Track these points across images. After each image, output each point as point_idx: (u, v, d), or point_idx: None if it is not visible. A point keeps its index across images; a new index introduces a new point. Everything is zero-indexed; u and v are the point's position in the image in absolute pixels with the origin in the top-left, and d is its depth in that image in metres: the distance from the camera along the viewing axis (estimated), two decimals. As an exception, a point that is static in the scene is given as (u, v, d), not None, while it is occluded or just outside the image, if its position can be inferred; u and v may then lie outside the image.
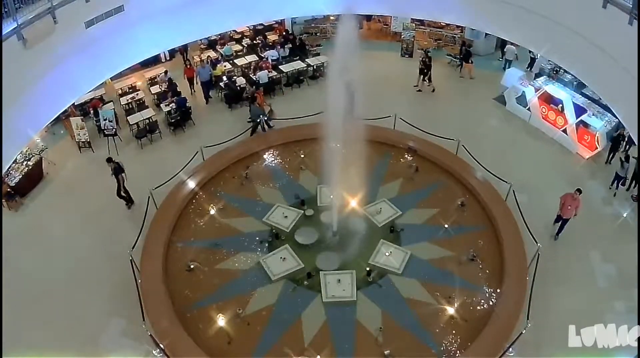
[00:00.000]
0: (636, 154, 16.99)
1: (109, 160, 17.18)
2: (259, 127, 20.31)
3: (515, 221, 15.67)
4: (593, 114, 19.09)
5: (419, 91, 23.70)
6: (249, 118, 20.55)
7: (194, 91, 23.89)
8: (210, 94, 23.47)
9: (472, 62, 24.52)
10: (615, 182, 17.52)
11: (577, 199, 15.36)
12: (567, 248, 15.56)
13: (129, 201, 17.51)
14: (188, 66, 24.39)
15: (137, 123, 20.79)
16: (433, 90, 23.61)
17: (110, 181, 18.15)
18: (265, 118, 20.46)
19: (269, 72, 23.37)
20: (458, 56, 25.17)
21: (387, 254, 15.03)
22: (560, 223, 15.85)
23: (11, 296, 12.34)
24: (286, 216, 16.36)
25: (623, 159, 17.15)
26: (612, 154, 18.68)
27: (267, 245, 15.57)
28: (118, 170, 17.03)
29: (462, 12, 20.74)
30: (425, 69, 23.41)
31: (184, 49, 25.87)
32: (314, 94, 22.71)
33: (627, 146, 18.68)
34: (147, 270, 14.38)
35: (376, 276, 14.50)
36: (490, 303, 13.82)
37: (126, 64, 19.63)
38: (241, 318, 13.49)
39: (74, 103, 19.70)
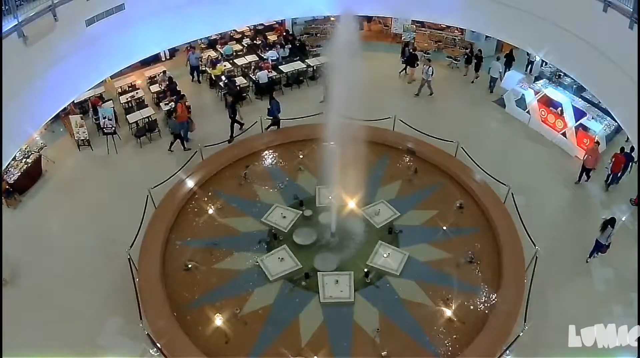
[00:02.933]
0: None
1: (231, 93, 20.85)
2: (179, 142, 19.84)
3: (514, 223, 15.67)
4: (592, 118, 19.12)
5: (477, 77, 24.36)
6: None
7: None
8: (196, 76, 25.11)
9: (416, 66, 24.23)
10: (595, 252, 15.21)
11: (596, 150, 17.55)
12: (565, 251, 15.57)
13: (242, 126, 20.05)
14: (187, 48, 25.52)
15: (136, 122, 20.78)
16: (476, 78, 24.40)
17: (109, 180, 18.25)
18: (186, 132, 20.26)
19: (268, 72, 23.39)
20: (401, 58, 24.84)
21: (385, 255, 15.02)
22: (585, 173, 18.02)
23: (9, 294, 12.34)
24: (284, 217, 16.34)
25: (607, 221, 14.74)
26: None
27: (265, 245, 15.55)
28: (234, 104, 19.99)
29: (463, 14, 20.80)
30: (476, 61, 24.19)
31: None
32: (314, 94, 22.72)
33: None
34: (145, 269, 14.36)
35: (374, 278, 14.50)
36: (488, 305, 13.81)
37: (126, 63, 19.67)
38: (238, 318, 13.48)
39: (73, 101, 19.71)
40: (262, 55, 25.78)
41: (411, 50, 24.55)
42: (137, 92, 22.81)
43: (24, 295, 14.03)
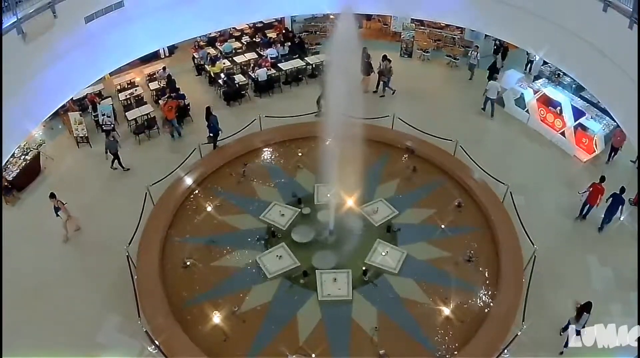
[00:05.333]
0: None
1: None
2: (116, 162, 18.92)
3: (512, 222, 15.69)
4: (591, 118, 19.11)
5: (502, 66, 24.54)
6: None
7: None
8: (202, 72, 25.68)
9: (369, 75, 23.24)
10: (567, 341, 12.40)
11: (623, 131, 16.61)
12: (563, 251, 15.57)
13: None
14: (195, 48, 26.01)
15: (135, 119, 20.74)
16: (501, 67, 24.56)
17: (107, 177, 18.22)
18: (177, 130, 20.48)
19: (268, 70, 23.38)
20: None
21: (383, 254, 15.04)
22: (613, 152, 18.70)
23: (7, 291, 12.32)
24: (283, 214, 16.36)
25: (582, 307, 12.36)
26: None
27: (263, 242, 15.58)
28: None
29: (462, 13, 20.78)
30: (503, 50, 24.75)
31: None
32: (313, 92, 22.70)
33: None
34: (144, 266, 14.39)
35: (372, 276, 14.51)
36: (486, 304, 13.85)
37: (125, 60, 19.61)
38: (237, 315, 13.51)
39: (72, 98, 19.68)
40: (262, 53, 25.81)
41: (366, 59, 22.99)
42: (136, 90, 22.79)
43: (21, 292, 14.00)
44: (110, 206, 17.03)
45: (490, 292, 14.15)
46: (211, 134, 19.06)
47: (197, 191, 17.39)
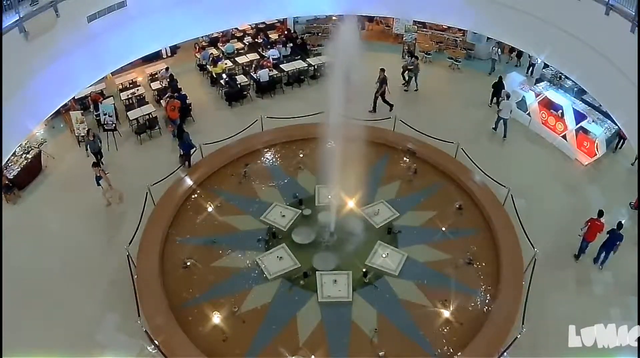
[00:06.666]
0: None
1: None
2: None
3: (513, 225, 15.68)
4: (593, 121, 19.09)
5: (519, 64, 26.33)
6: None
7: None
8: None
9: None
10: None
11: None
12: (564, 254, 15.56)
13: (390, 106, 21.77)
14: (197, 49, 26.15)
15: (136, 119, 20.75)
16: (518, 64, 26.53)
17: (109, 177, 18.23)
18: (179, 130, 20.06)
19: (269, 71, 23.38)
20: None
21: (383, 255, 15.03)
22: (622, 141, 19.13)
23: (6, 290, 12.31)
24: (284, 215, 16.35)
25: None
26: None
27: (264, 243, 15.56)
28: (383, 80, 21.42)
29: (464, 16, 20.80)
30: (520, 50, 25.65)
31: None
32: (315, 93, 22.70)
33: None
34: (144, 266, 14.37)
35: (372, 278, 14.50)
36: (486, 307, 13.83)
37: (127, 59, 19.65)
38: (236, 316, 13.50)
39: (74, 97, 19.70)
40: (264, 53, 25.83)
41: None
42: (137, 89, 22.81)
43: (21, 290, 13.99)
44: (111, 205, 17.03)
45: (490, 295, 14.13)
46: (182, 153, 18.40)
47: (198, 192, 17.38)
